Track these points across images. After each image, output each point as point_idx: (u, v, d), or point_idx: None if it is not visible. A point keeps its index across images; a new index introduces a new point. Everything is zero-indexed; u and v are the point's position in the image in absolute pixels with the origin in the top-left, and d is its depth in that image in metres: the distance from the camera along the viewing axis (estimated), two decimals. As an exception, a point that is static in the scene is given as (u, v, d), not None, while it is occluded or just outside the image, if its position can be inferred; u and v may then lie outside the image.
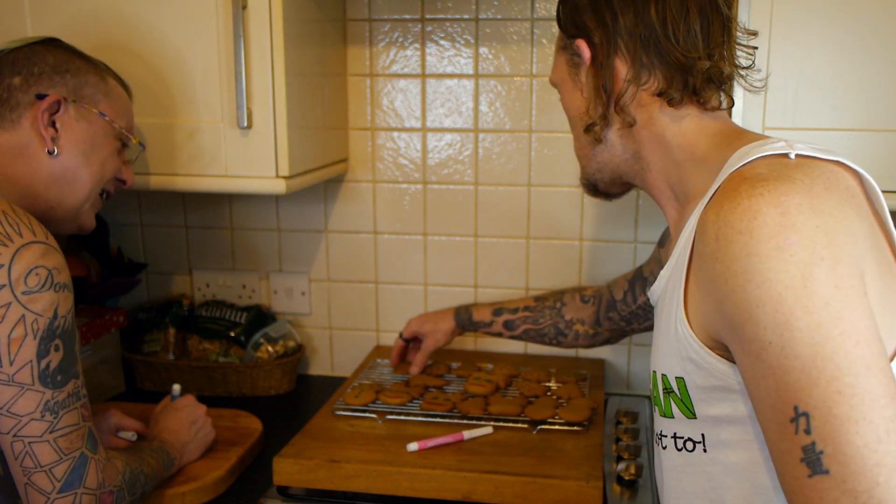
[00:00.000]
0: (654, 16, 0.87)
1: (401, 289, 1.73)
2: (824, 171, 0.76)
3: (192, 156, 1.34)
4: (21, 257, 0.91)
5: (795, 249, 0.69)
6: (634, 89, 0.90)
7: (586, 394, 1.46)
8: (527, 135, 1.62)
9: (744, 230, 0.71)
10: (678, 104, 0.89)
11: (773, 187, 0.71)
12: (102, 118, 1.11)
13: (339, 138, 1.63)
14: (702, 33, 0.88)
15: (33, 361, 0.92)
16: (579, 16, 0.93)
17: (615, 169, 0.97)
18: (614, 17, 0.89)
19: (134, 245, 1.81)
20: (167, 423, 1.26)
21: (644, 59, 0.89)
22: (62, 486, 0.94)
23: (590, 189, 1.04)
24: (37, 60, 1.07)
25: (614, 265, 1.64)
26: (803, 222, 0.69)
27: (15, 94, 1.04)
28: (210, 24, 1.29)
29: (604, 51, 0.91)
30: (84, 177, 1.09)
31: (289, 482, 1.24)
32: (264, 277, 1.78)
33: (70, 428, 0.95)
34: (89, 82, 1.10)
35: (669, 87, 0.89)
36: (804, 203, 0.70)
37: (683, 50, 0.87)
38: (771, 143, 0.80)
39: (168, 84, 1.33)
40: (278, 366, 1.63)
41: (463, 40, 1.60)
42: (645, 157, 0.94)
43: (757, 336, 0.70)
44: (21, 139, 1.05)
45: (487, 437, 1.30)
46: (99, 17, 1.32)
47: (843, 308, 0.68)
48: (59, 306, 0.94)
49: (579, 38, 0.93)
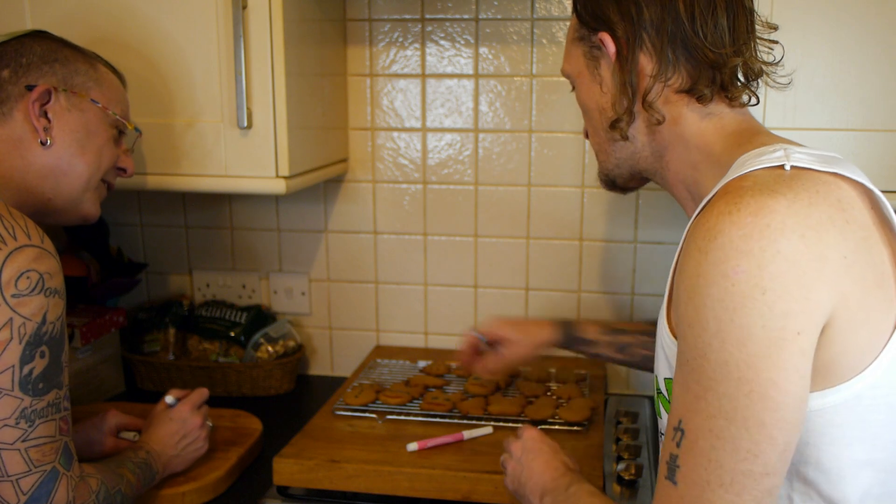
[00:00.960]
0: (682, 10, 0.85)
1: (401, 289, 1.73)
2: (815, 183, 0.74)
3: (192, 155, 1.34)
4: (13, 260, 0.89)
5: (739, 279, 0.69)
6: (661, 86, 0.88)
7: (586, 394, 1.46)
8: (527, 135, 1.62)
9: (702, 249, 0.72)
10: (707, 101, 0.87)
11: (746, 205, 0.71)
12: (95, 105, 1.09)
13: (339, 138, 1.63)
14: (728, 28, 0.86)
15: (15, 366, 0.89)
16: (601, 8, 0.90)
17: (634, 165, 0.96)
18: (639, 11, 0.87)
19: (134, 245, 1.81)
20: (158, 433, 1.21)
21: (670, 55, 0.86)
22: (27, 500, 0.91)
23: (608, 184, 1.02)
24: (24, 52, 1.05)
25: (614, 265, 1.64)
26: (763, 248, 0.69)
27: (5, 87, 1.03)
28: (210, 23, 1.29)
29: (629, 45, 0.88)
30: (80, 166, 1.07)
31: (289, 482, 1.24)
32: (264, 277, 1.78)
33: (44, 439, 0.92)
34: (79, 70, 1.09)
35: (696, 83, 0.87)
36: (773, 224, 0.69)
37: (712, 45, 0.85)
38: (770, 151, 0.79)
39: (168, 83, 1.33)
40: (278, 366, 1.63)
41: (463, 40, 1.60)
42: (665, 156, 0.92)
43: (683, 350, 0.74)
44: (14, 132, 1.03)
45: (487, 437, 1.30)
46: (99, 19, 1.32)
47: (758, 353, 0.68)
48: (49, 312, 0.92)
49: (602, 31, 0.90)
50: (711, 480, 0.70)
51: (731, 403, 0.69)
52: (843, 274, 0.71)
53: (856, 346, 0.73)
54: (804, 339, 0.69)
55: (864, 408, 0.74)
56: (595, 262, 1.65)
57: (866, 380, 0.73)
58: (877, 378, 0.74)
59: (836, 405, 0.74)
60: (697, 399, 0.71)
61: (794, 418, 0.70)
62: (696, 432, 0.71)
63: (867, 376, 0.73)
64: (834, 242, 0.71)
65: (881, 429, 0.76)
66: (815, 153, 0.79)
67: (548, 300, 1.68)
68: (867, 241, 0.74)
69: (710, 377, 0.70)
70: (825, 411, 0.75)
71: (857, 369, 0.73)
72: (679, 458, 0.73)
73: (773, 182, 0.73)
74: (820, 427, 0.75)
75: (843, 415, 0.75)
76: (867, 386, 0.74)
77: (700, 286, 0.71)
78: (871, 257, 0.74)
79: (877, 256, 0.74)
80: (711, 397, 0.70)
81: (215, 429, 1.33)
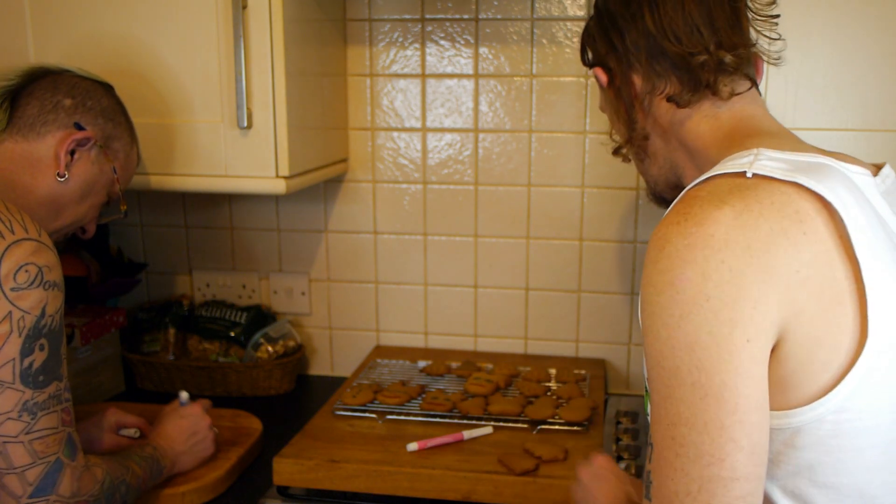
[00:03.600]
0: (650, 23, 0.88)
1: (401, 289, 1.73)
2: (771, 194, 0.72)
3: (193, 156, 1.34)
4: (11, 254, 0.91)
5: (686, 286, 0.69)
6: (650, 99, 0.91)
7: (586, 394, 1.46)
8: (527, 135, 1.62)
9: (653, 258, 0.73)
10: (688, 104, 0.89)
11: (693, 215, 0.72)
12: (112, 174, 1.15)
13: (339, 138, 1.63)
14: (704, 23, 0.86)
15: (16, 359, 0.90)
16: (594, 44, 0.96)
17: (668, 178, 0.98)
18: (621, 37, 0.91)
19: (134, 245, 1.81)
20: (167, 429, 1.23)
21: (657, 68, 0.89)
22: (33, 491, 0.92)
23: (658, 201, 1.03)
24: (94, 97, 1.12)
25: (614, 265, 1.64)
26: (706, 257, 0.69)
27: (58, 113, 1.07)
28: (210, 23, 1.29)
29: (620, 72, 0.92)
30: (70, 211, 1.11)
31: (289, 482, 1.24)
32: (264, 277, 1.78)
33: (47, 431, 0.93)
34: (122, 139, 1.16)
35: (682, 88, 0.88)
36: (717, 234, 0.70)
37: (688, 47, 0.86)
38: (742, 156, 0.79)
39: (168, 84, 1.33)
40: (278, 366, 1.63)
41: (463, 40, 1.60)
42: (679, 163, 0.94)
43: (646, 360, 0.74)
44: (38, 151, 1.06)
45: (487, 437, 1.30)
46: (99, 19, 1.32)
47: (707, 357, 0.68)
48: (48, 305, 0.93)
49: (596, 67, 0.95)
50: (679, 490, 0.70)
51: (689, 409, 0.69)
52: (796, 288, 0.70)
53: (814, 364, 0.71)
54: (754, 347, 0.69)
55: (826, 432, 0.73)
56: (595, 262, 1.65)
57: (829, 403, 0.72)
58: (840, 402, 0.72)
59: (799, 427, 0.73)
60: (658, 408, 0.72)
61: (755, 420, 0.69)
62: (661, 442, 0.72)
63: (830, 399, 0.72)
64: (784, 255, 0.70)
65: (844, 454, 0.74)
66: (793, 159, 0.77)
67: (548, 300, 1.68)
68: (827, 255, 0.71)
69: (666, 385, 0.71)
70: (784, 431, 0.74)
71: (817, 390, 0.72)
72: (652, 472, 0.73)
73: (726, 192, 0.73)
74: (779, 447, 0.74)
75: (803, 438, 0.73)
76: (830, 410, 0.72)
77: (651, 294, 0.72)
78: (831, 272, 0.71)
79: (837, 272, 0.72)
80: (669, 405, 0.70)
81: (218, 434, 1.33)
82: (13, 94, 1.06)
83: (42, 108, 1.06)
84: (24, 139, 1.05)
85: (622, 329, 1.67)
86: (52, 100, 1.07)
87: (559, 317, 1.68)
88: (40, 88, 1.08)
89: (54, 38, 1.33)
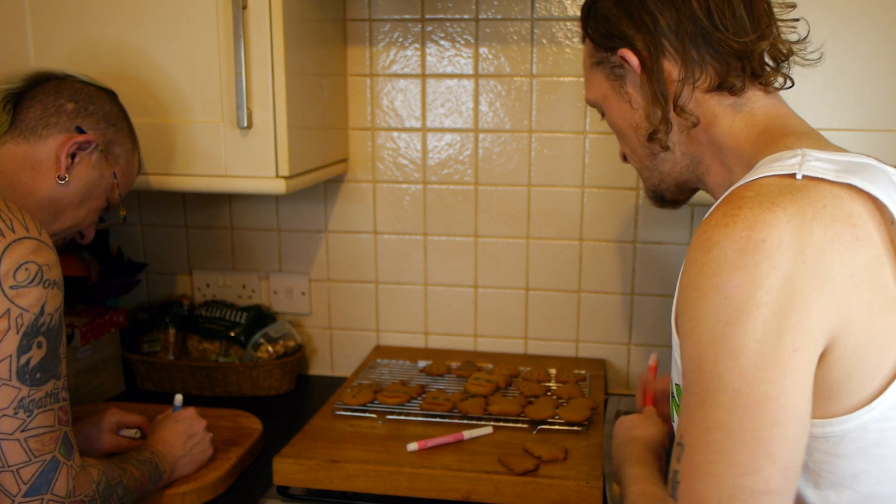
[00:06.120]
0: (697, 8, 0.84)
1: (401, 289, 1.73)
2: (823, 196, 0.70)
3: (192, 156, 1.34)
4: (12, 252, 0.91)
5: (733, 293, 0.68)
6: (690, 88, 0.86)
7: (586, 394, 1.46)
8: (527, 135, 1.62)
9: (698, 260, 0.71)
10: (740, 91, 0.85)
11: (743, 218, 0.69)
12: (112, 178, 1.15)
13: (339, 138, 1.63)
14: (747, 15, 0.84)
15: (13, 356, 0.91)
16: (614, 26, 0.89)
17: (678, 176, 0.94)
18: (654, 19, 0.86)
19: (134, 245, 1.81)
20: (163, 434, 1.23)
21: (694, 55, 0.85)
22: (28, 490, 0.92)
23: (657, 200, 1.00)
24: (97, 102, 1.12)
25: (614, 265, 1.64)
26: (757, 263, 0.67)
27: (60, 116, 1.08)
28: (210, 24, 1.29)
29: (651, 55, 0.87)
30: (69, 214, 1.11)
31: (289, 482, 1.24)
32: (264, 277, 1.78)
33: (43, 429, 0.93)
34: (123, 145, 1.16)
35: (726, 77, 0.85)
36: (770, 240, 0.67)
37: (734, 35, 0.84)
38: (788, 157, 0.76)
39: (168, 84, 1.33)
40: (278, 366, 1.63)
41: (463, 40, 1.60)
42: (703, 161, 0.90)
43: (683, 362, 0.73)
44: (39, 153, 1.06)
45: (487, 437, 1.30)
46: (100, 16, 1.32)
47: (752, 366, 0.67)
48: (47, 303, 0.94)
49: (622, 48, 0.89)
50: (710, 497, 0.68)
51: (728, 416, 0.67)
52: (849, 294, 0.68)
53: (862, 372, 0.70)
54: (802, 357, 0.67)
55: (870, 441, 0.72)
56: (595, 262, 1.65)
57: (874, 411, 0.71)
58: (884, 411, 0.71)
59: (841, 436, 0.72)
60: (694, 411, 0.70)
61: (795, 434, 0.67)
62: (695, 446, 0.69)
63: (875, 407, 0.70)
64: (839, 261, 0.68)
65: (889, 463, 0.73)
66: (839, 159, 0.75)
67: (548, 300, 1.68)
68: (878, 260, 0.70)
69: (705, 389, 0.69)
70: (827, 439, 0.72)
71: (863, 399, 0.71)
72: (679, 473, 0.71)
73: (777, 194, 0.70)
74: (822, 456, 0.73)
75: (847, 446, 0.72)
76: (875, 418, 0.71)
77: (694, 297, 0.70)
78: (882, 278, 0.70)
79: (888, 278, 0.70)
80: (708, 409, 0.68)
81: (214, 437, 1.33)
82: (16, 97, 1.06)
83: (44, 112, 1.07)
84: (25, 141, 1.06)
85: (622, 329, 1.67)
86: (55, 103, 1.08)
87: (559, 317, 1.68)
88: (43, 92, 1.08)
89: (55, 40, 1.33)
